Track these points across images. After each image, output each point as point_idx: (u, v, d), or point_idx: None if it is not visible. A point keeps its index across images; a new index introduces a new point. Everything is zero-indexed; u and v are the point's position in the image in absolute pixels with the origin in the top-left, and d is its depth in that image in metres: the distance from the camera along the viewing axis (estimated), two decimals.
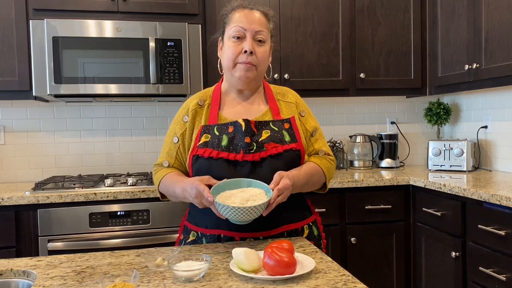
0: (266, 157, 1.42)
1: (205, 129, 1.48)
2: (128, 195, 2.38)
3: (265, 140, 1.44)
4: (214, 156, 1.41)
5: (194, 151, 1.46)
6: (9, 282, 1.19)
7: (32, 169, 2.95)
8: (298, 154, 1.47)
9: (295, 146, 1.46)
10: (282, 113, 1.53)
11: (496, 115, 2.96)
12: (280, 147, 1.44)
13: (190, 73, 2.65)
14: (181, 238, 1.55)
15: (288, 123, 1.50)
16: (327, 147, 1.60)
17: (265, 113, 1.53)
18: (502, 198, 1.99)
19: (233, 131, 1.45)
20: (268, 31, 1.51)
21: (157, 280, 1.09)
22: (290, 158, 1.45)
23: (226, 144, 1.43)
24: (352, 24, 2.97)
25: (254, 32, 1.46)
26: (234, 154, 1.41)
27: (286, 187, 1.31)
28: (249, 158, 1.41)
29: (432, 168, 3.01)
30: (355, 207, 2.68)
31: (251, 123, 1.46)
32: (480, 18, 2.55)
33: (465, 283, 2.31)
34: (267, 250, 1.08)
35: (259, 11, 1.49)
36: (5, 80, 2.54)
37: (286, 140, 1.46)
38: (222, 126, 1.47)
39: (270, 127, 1.48)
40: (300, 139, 1.49)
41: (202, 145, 1.45)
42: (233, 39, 1.46)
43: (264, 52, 1.48)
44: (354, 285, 1.04)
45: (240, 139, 1.43)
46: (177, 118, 1.56)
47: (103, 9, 2.60)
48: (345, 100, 3.38)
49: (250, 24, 1.45)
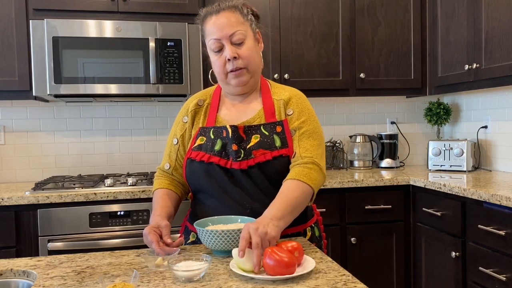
0: (254, 165, 1.37)
1: (201, 131, 1.46)
2: (128, 195, 2.38)
3: (253, 146, 1.39)
4: (205, 160, 1.40)
5: (189, 153, 1.44)
6: (9, 282, 1.19)
7: (32, 169, 2.95)
8: (289, 159, 1.40)
9: (285, 152, 1.39)
10: (276, 114, 1.45)
11: (496, 115, 2.96)
12: (269, 153, 1.38)
13: (190, 73, 2.65)
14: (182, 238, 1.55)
15: (280, 126, 1.43)
16: (304, 146, 1.40)
17: (258, 113, 1.46)
18: (502, 198, 1.99)
19: (226, 136, 1.42)
20: (244, 24, 1.42)
21: (157, 280, 1.09)
22: (279, 165, 1.38)
23: (219, 149, 1.41)
24: (352, 24, 2.97)
25: (229, 37, 1.40)
26: (225, 161, 1.39)
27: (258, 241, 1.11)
28: (236, 166, 1.38)
29: (432, 168, 3.01)
30: (355, 207, 2.68)
31: (239, 129, 1.41)
32: (480, 18, 2.55)
33: (465, 283, 2.31)
34: (267, 250, 1.08)
35: (226, 11, 1.41)
36: (5, 80, 2.54)
37: (276, 145, 1.40)
38: (218, 129, 1.44)
39: (261, 131, 1.42)
40: (291, 144, 1.41)
41: (196, 148, 1.43)
42: (214, 53, 1.44)
43: (248, 49, 1.41)
44: (354, 285, 1.04)
45: (229, 146, 1.40)
46: (178, 119, 1.55)
47: (103, 9, 2.60)
48: (345, 100, 3.38)
49: (221, 31, 1.39)
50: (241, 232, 1.19)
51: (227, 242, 1.22)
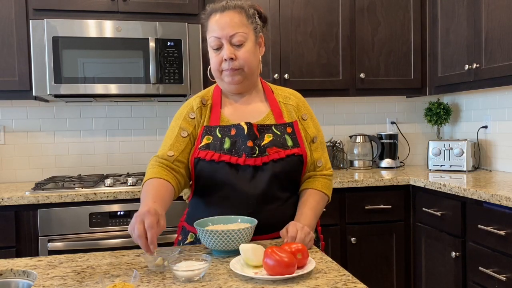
0: (268, 162, 1.41)
1: (207, 130, 1.46)
2: (128, 195, 2.38)
3: (267, 144, 1.42)
4: (216, 159, 1.39)
5: (196, 153, 1.43)
6: (9, 282, 1.19)
7: (32, 169, 2.95)
8: (301, 159, 1.45)
9: (297, 151, 1.44)
10: (284, 116, 1.50)
11: (496, 115, 2.96)
12: (282, 152, 1.42)
13: (190, 73, 2.65)
14: (180, 239, 1.54)
15: (290, 127, 1.48)
16: (325, 157, 1.56)
17: (267, 115, 1.50)
18: (502, 198, 1.99)
19: (235, 134, 1.43)
20: (247, 26, 1.43)
21: (157, 280, 1.09)
22: (292, 163, 1.43)
23: (229, 147, 1.41)
24: (352, 24, 2.97)
25: (229, 37, 1.41)
26: (236, 158, 1.40)
27: (303, 237, 1.29)
28: (251, 162, 1.39)
29: (432, 168, 3.01)
30: (355, 207, 2.68)
31: (254, 127, 1.44)
32: (480, 18, 2.55)
33: (465, 283, 2.31)
34: (267, 250, 1.08)
35: (231, 11, 1.42)
36: (5, 80, 2.54)
37: (288, 144, 1.44)
38: (224, 128, 1.45)
39: (273, 130, 1.46)
40: (302, 144, 1.46)
41: (203, 147, 1.43)
42: (213, 50, 1.45)
43: (246, 52, 1.42)
44: (354, 285, 1.04)
45: (243, 143, 1.41)
46: (181, 114, 1.50)
47: (103, 9, 2.60)
48: (345, 100, 3.38)
49: (222, 30, 1.40)
50: (241, 232, 1.21)
51: (227, 242, 1.22)
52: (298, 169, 1.46)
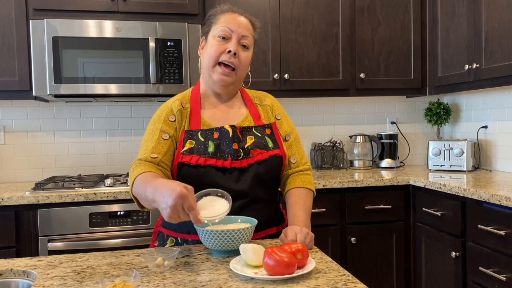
0: (253, 164, 1.43)
1: (188, 135, 1.43)
2: (128, 195, 2.38)
3: (250, 146, 1.45)
4: (202, 163, 1.38)
5: (179, 158, 1.40)
6: (9, 282, 1.19)
7: (32, 169, 2.95)
8: (281, 160, 1.49)
9: (278, 152, 1.48)
10: (262, 118, 1.54)
11: (496, 115, 2.96)
12: (265, 153, 1.45)
13: (190, 73, 2.65)
14: (156, 245, 1.50)
15: (269, 129, 1.52)
16: (301, 153, 1.58)
17: (246, 117, 1.52)
18: (502, 198, 1.99)
19: (218, 137, 1.43)
20: (253, 39, 1.51)
21: (157, 280, 1.09)
22: (274, 164, 1.47)
23: (213, 151, 1.41)
24: (352, 24, 2.97)
25: (240, 36, 1.45)
26: (222, 161, 1.40)
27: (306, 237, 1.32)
28: (237, 164, 1.41)
29: (432, 168, 3.01)
30: (355, 207, 2.68)
31: (237, 129, 1.45)
32: (480, 18, 2.55)
33: (465, 283, 2.31)
34: (267, 250, 1.08)
35: (247, 19, 1.50)
36: (5, 80, 2.54)
37: (269, 146, 1.48)
38: (206, 131, 1.44)
39: (254, 132, 1.48)
40: (281, 145, 1.51)
41: (187, 151, 1.40)
42: (218, 38, 1.44)
43: (246, 57, 1.48)
44: (354, 285, 1.04)
45: (227, 146, 1.42)
46: (159, 118, 1.46)
47: (103, 9, 2.60)
48: (345, 100, 3.38)
49: (237, 27, 1.45)
50: (241, 232, 1.22)
51: (227, 242, 1.22)
52: (279, 169, 1.50)
